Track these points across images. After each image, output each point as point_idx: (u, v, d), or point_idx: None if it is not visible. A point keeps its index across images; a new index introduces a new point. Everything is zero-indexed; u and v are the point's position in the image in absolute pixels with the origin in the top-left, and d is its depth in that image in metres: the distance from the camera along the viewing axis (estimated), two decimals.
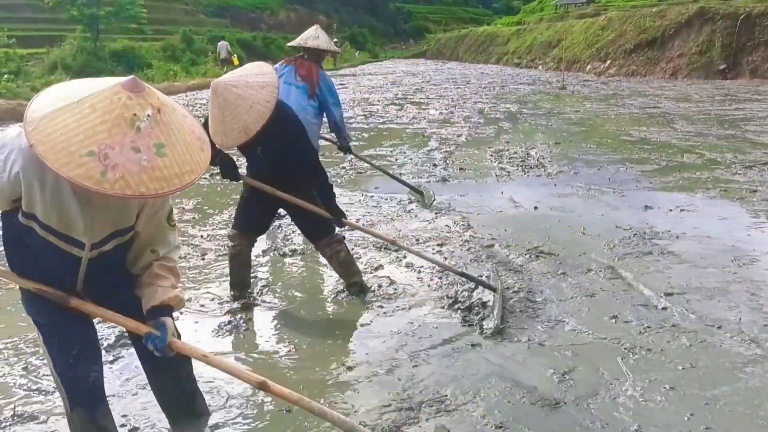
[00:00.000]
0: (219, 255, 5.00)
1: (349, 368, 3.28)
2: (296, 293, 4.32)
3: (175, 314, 2.45)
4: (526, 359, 3.37)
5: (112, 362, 3.38)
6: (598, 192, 6.96)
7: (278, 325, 3.86)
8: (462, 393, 3.03)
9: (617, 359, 3.33)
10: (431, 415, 2.86)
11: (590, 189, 7.08)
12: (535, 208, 6.35)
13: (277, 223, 5.65)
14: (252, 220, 4.09)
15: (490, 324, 3.70)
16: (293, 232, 5.50)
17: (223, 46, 29.65)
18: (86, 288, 2.22)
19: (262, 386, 2.21)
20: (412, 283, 4.41)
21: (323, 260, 4.48)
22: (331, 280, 4.52)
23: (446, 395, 3.01)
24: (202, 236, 5.57)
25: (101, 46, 24.51)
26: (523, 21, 48.38)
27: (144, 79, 22.36)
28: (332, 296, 4.25)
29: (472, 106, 16.51)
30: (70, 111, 1.74)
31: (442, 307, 4.02)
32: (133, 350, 2.81)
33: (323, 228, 4.07)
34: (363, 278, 4.32)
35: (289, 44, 5.56)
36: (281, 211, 4.29)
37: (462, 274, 4.25)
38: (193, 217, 6.24)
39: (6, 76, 17.58)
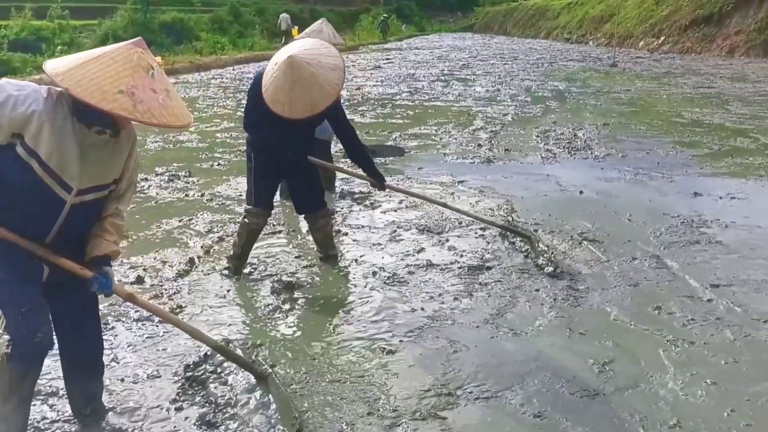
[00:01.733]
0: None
1: (390, 352, 3.35)
2: (327, 277, 4.40)
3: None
4: (566, 348, 3.38)
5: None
6: (647, 177, 6.85)
7: (318, 308, 3.94)
8: (501, 380, 3.07)
9: (659, 351, 3.32)
10: (470, 402, 2.91)
11: (638, 173, 6.97)
12: (581, 192, 6.29)
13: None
14: (271, 195, 4.32)
15: (548, 267, 4.31)
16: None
17: (284, 18, 31.31)
18: (57, 237, 2.39)
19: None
20: (452, 268, 4.45)
21: (347, 242, 4.82)
22: (362, 264, 4.59)
23: (485, 382, 3.06)
24: None
25: (151, 17, 24.82)
26: None
27: (192, 51, 22.84)
28: (366, 279, 4.31)
29: (519, 83, 16.29)
30: (93, 63, 2.15)
31: (483, 293, 4.05)
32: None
33: (321, 201, 4.39)
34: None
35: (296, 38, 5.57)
36: None
37: (502, 227, 4.98)
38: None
39: (60, 47, 18.01)
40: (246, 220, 4.30)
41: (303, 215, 4.52)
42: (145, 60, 2.19)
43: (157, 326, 3.60)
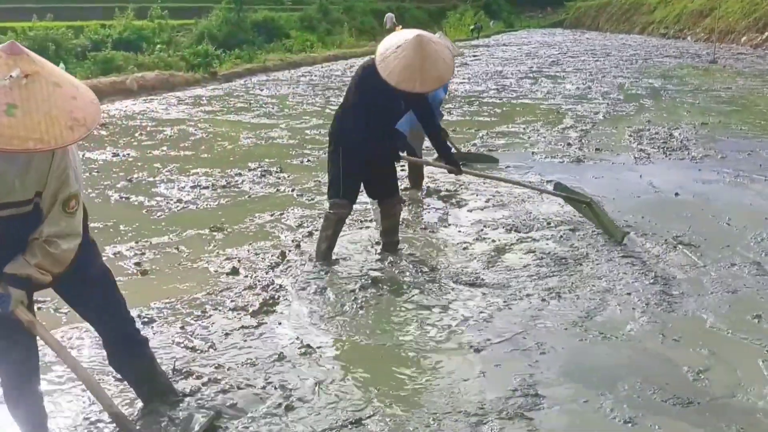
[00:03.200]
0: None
1: (476, 350, 3.36)
2: (413, 274, 4.44)
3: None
4: (659, 354, 3.30)
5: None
6: (748, 179, 6.54)
7: (404, 304, 3.99)
8: (589, 384, 3.04)
9: (758, 361, 3.19)
10: (557, 404, 2.89)
11: (738, 176, 6.66)
12: (676, 194, 6.08)
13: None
14: (356, 188, 4.54)
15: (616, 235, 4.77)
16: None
17: (389, 17, 32.72)
18: None
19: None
20: (539, 268, 4.40)
21: (432, 241, 4.86)
22: (448, 262, 4.61)
23: (573, 385, 3.03)
24: None
25: (244, 17, 25.60)
26: None
27: (282, 48, 23.41)
28: (451, 277, 4.32)
29: (611, 80, 15.83)
30: None
31: (571, 295, 4.00)
32: None
33: (397, 190, 4.70)
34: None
35: None
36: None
37: (555, 194, 5.34)
38: None
39: (159, 45, 18.86)
40: (332, 211, 4.51)
41: (377, 201, 4.76)
42: None
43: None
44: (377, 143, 4.30)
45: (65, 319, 3.64)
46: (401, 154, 4.66)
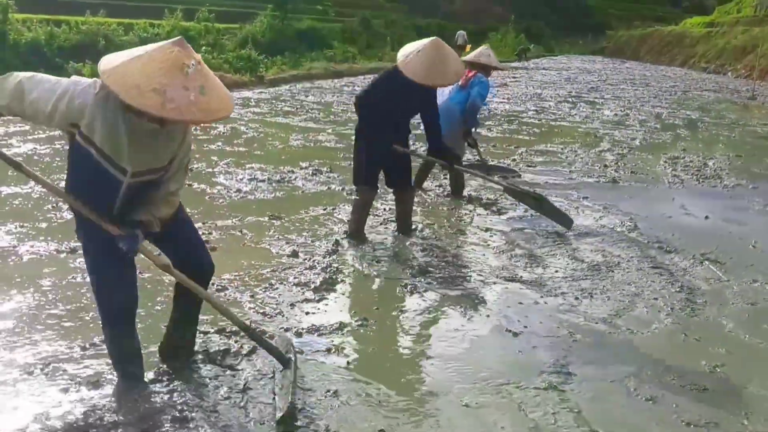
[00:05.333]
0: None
1: (514, 334, 3.76)
2: (455, 266, 4.84)
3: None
4: (680, 350, 3.67)
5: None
6: None
7: (447, 292, 4.40)
8: (616, 368, 3.42)
9: None
10: (587, 381, 3.27)
11: (767, 205, 6.96)
12: (707, 217, 6.41)
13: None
14: (377, 175, 5.27)
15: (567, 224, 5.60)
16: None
17: (461, 34, 33.38)
18: (120, 209, 2.73)
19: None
20: (574, 271, 4.78)
21: (474, 242, 5.18)
22: (486, 262, 5.00)
23: (601, 368, 3.41)
24: None
25: (288, 24, 26.26)
26: (716, 22, 45.22)
27: (324, 58, 24.00)
28: (490, 273, 4.72)
29: (649, 109, 16.10)
30: (135, 62, 2.38)
31: (603, 296, 4.36)
32: None
33: (411, 181, 5.52)
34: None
35: (463, 59, 6.57)
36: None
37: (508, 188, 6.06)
38: None
39: (204, 48, 19.51)
40: (360, 197, 5.28)
41: (393, 190, 5.52)
42: (180, 59, 2.37)
43: None
44: (395, 137, 5.12)
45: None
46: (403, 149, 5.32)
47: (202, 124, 2.50)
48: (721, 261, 5.09)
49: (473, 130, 6.94)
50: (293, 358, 3.10)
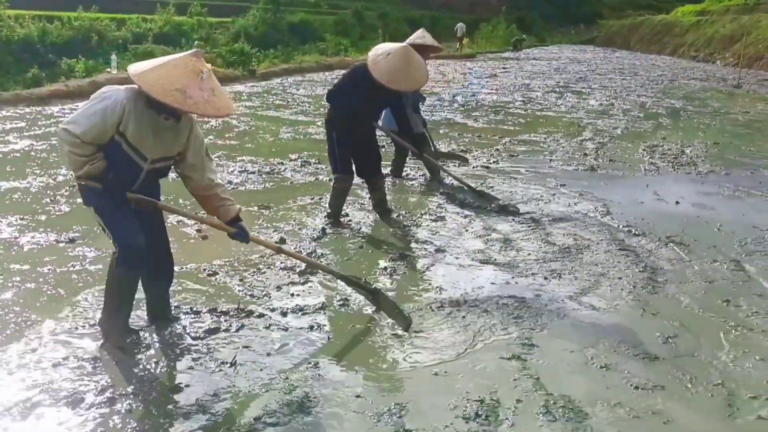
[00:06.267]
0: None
1: (485, 311, 4.06)
2: (438, 247, 5.12)
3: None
4: (637, 323, 3.97)
5: None
6: (745, 194, 7.13)
7: (424, 273, 4.69)
8: (576, 339, 3.72)
9: (719, 333, 3.84)
10: (547, 349, 3.57)
11: (737, 190, 7.25)
12: (677, 202, 6.70)
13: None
14: (350, 162, 5.62)
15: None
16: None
17: (460, 27, 34.37)
18: (139, 190, 3.35)
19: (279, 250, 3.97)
20: (546, 254, 5.07)
21: (452, 227, 5.32)
22: (462, 243, 5.29)
23: (563, 340, 3.71)
24: None
25: (280, 18, 26.43)
26: (707, 11, 45.48)
27: (317, 50, 24.17)
28: (466, 256, 5.01)
29: (635, 99, 16.38)
30: (161, 68, 3.07)
31: (570, 276, 4.66)
32: None
33: (379, 169, 5.80)
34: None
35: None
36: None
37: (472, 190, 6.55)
38: None
39: (197, 42, 19.70)
40: (336, 185, 5.66)
41: (364, 179, 5.80)
42: (197, 67, 3.07)
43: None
44: (361, 127, 5.49)
45: None
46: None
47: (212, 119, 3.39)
48: (685, 243, 5.38)
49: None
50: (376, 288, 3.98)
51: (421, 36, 6.92)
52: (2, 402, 2.95)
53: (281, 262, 4.68)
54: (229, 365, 3.31)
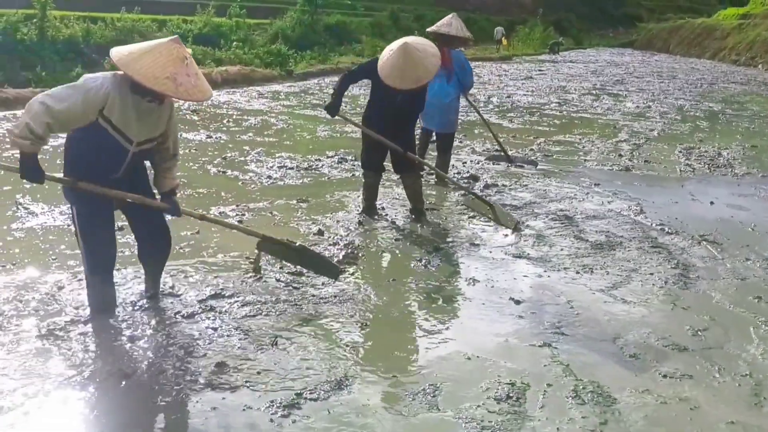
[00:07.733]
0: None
1: (516, 302, 4.17)
2: (470, 242, 5.24)
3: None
4: (668, 316, 4.05)
5: None
6: None
7: (458, 266, 4.82)
8: (606, 330, 3.82)
9: (749, 328, 3.90)
10: (577, 339, 3.67)
11: None
12: (711, 203, 6.71)
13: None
14: (380, 159, 5.74)
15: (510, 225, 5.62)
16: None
17: (499, 30, 35.31)
18: (124, 175, 3.47)
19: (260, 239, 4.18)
20: (579, 249, 5.16)
21: (487, 222, 5.46)
22: (496, 238, 5.40)
23: (593, 329, 3.82)
24: None
25: (317, 19, 26.71)
26: (749, 14, 44.62)
27: (353, 51, 24.41)
28: (498, 248, 5.11)
29: (672, 101, 16.25)
30: (147, 56, 3.15)
31: (602, 271, 4.74)
32: None
33: (413, 165, 5.73)
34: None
35: (427, 30, 6.89)
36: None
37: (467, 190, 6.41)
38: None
39: (235, 43, 20.06)
40: (365, 180, 5.83)
41: (400, 175, 5.86)
42: (181, 53, 3.20)
43: None
44: (385, 129, 5.43)
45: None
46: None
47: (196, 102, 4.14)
48: (718, 242, 5.42)
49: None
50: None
51: (447, 24, 6.50)
52: (16, 376, 3.18)
53: (319, 252, 4.84)
54: (270, 344, 3.49)
